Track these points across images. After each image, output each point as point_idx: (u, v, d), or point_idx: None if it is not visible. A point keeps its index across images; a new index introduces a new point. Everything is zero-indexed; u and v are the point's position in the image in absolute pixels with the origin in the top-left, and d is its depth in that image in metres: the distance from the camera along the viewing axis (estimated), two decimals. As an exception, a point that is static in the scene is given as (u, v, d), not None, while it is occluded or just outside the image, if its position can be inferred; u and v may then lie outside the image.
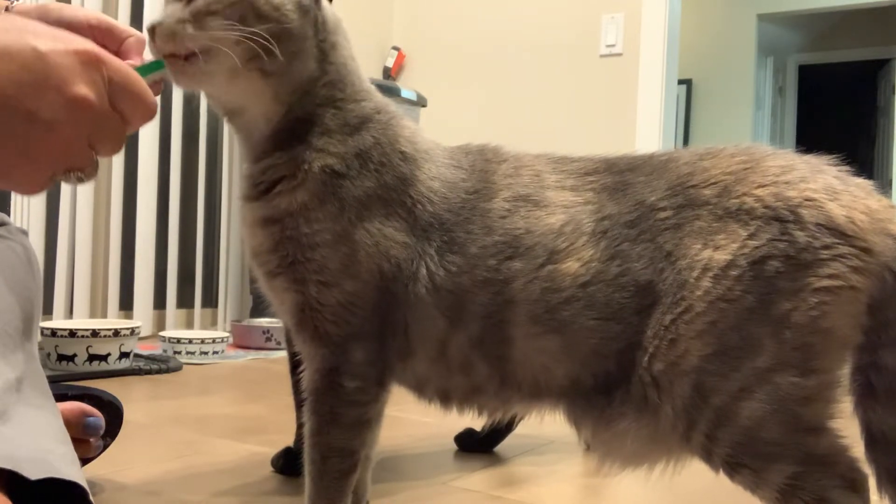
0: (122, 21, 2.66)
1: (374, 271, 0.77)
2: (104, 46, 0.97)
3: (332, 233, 0.77)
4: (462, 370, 0.80)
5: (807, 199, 0.71)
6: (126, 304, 2.82)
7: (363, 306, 0.78)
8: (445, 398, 0.83)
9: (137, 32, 0.96)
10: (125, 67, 0.59)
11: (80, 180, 0.59)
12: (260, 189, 0.80)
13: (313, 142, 0.79)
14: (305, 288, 0.78)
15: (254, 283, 3.18)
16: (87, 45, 0.58)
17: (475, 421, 1.43)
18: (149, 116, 0.61)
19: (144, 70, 0.68)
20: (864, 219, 0.70)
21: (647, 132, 3.15)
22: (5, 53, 0.53)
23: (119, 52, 0.95)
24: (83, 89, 0.56)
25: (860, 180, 0.75)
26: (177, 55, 0.74)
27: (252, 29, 0.73)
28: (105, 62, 0.58)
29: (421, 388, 0.84)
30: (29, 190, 0.60)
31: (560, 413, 0.81)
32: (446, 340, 0.79)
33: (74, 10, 0.96)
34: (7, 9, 0.93)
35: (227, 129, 3.04)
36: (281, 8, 0.76)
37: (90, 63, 0.57)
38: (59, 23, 0.93)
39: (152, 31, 0.75)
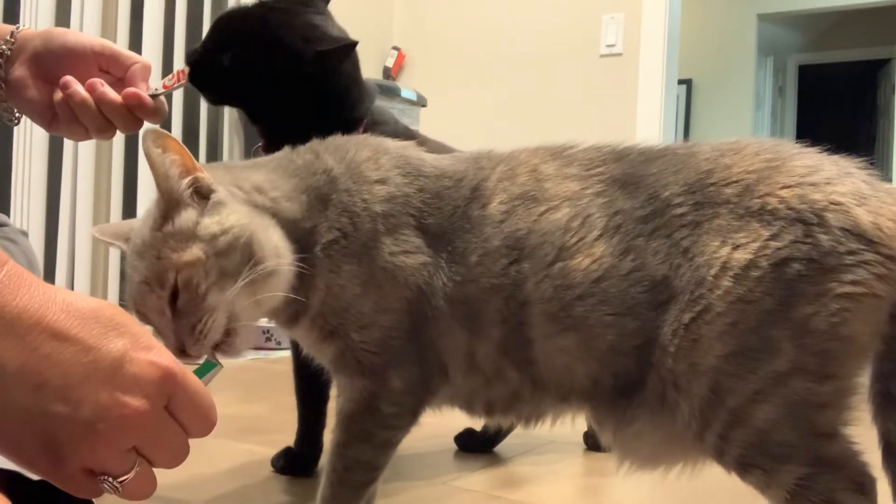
0: (122, 22, 2.67)
1: (401, 299, 0.78)
2: (108, 73, 0.94)
3: (357, 285, 0.79)
4: (496, 378, 0.80)
5: (833, 203, 0.69)
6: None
7: (399, 334, 0.79)
8: (490, 410, 0.84)
9: (143, 59, 0.95)
10: (196, 386, 0.53)
11: (115, 489, 0.50)
12: (291, 316, 0.81)
13: (314, 241, 0.79)
14: (347, 336, 0.80)
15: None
16: (167, 359, 0.51)
17: (474, 421, 1.43)
18: (207, 432, 0.54)
19: (201, 371, 0.63)
20: (892, 226, 0.69)
21: (647, 132, 3.14)
22: (87, 347, 0.48)
23: (125, 79, 0.93)
24: (137, 401, 0.49)
25: (890, 186, 0.73)
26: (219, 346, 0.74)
27: (242, 283, 0.72)
28: (178, 383, 0.51)
29: (470, 405, 0.85)
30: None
31: (586, 415, 0.82)
32: (472, 351, 0.79)
33: (78, 37, 0.94)
34: (12, 34, 0.92)
35: (227, 129, 3.04)
36: (229, 238, 0.73)
37: (164, 381, 0.50)
38: (63, 48, 0.91)
39: (183, 352, 0.72)
